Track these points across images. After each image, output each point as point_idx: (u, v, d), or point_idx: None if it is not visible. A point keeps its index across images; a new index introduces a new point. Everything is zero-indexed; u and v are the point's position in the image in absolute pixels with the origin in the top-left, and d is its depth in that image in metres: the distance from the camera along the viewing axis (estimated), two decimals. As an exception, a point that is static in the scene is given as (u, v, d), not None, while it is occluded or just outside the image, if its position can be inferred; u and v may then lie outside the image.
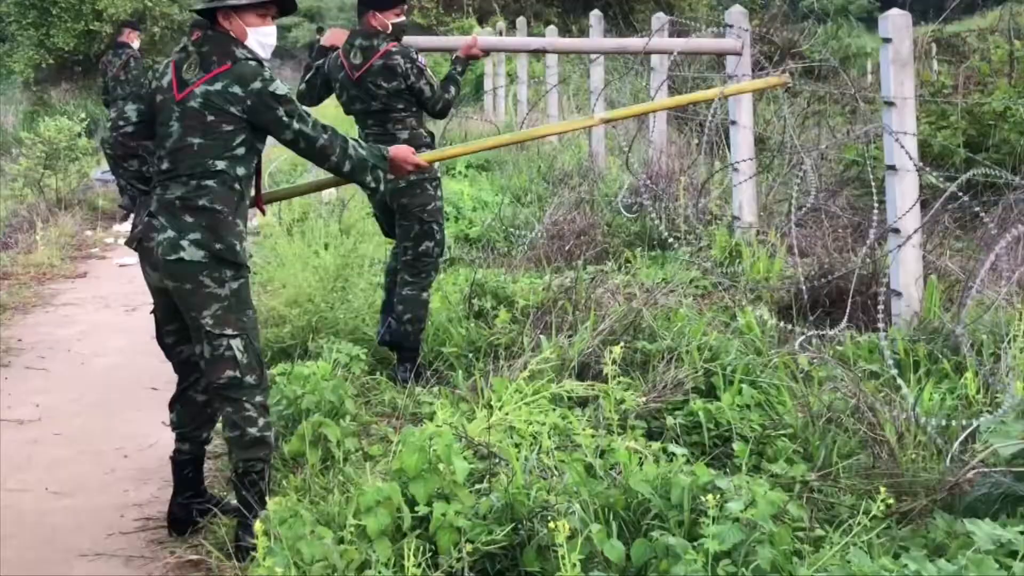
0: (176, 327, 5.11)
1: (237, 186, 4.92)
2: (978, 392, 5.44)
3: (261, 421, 4.97)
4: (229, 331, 4.87)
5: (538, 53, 8.72)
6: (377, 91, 7.01)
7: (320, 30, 34.81)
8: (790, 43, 20.86)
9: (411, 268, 7.16)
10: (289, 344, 7.48)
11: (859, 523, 4.36)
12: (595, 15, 14.23)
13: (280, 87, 4.95)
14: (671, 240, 8.23)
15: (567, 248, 9.44)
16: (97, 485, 5.85)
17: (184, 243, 4.79)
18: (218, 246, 4.82)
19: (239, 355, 4.90)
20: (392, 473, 4.89)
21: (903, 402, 5.43)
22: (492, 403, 5.60)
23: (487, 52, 7.86)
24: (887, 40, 7.06)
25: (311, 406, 5.90)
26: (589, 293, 7.60)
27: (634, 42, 8.88)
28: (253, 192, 5.16)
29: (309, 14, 46.01)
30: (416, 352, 7.13)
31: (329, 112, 11.29)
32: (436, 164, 7.12)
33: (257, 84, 4.89)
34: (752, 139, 9.43)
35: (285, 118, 4.96)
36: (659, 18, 12.15)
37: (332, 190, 11.69)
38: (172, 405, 5.28)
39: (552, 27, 17.42)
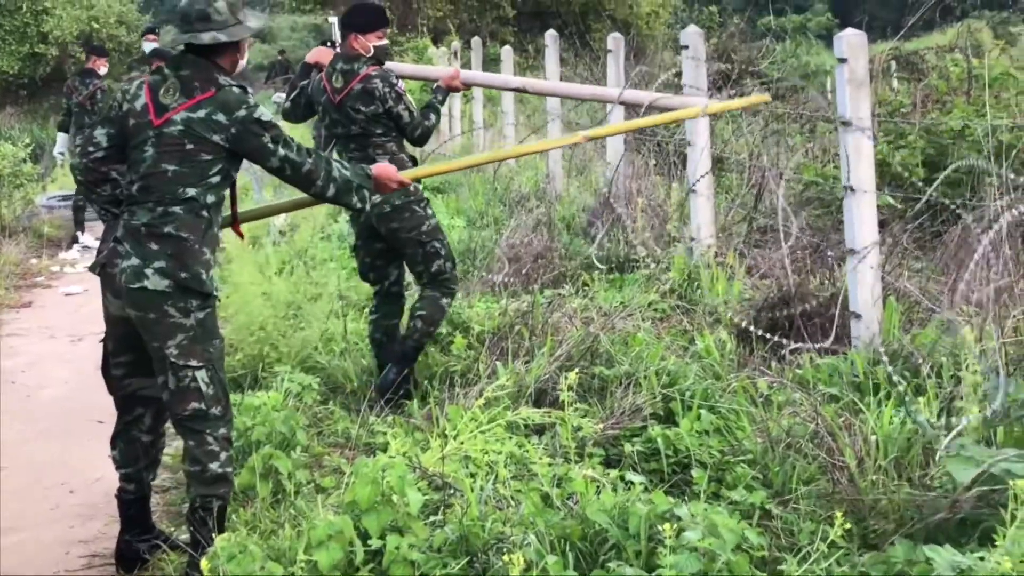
0: (129, 359, 4.99)
1: (205, 213, 4.82)
2: (938, 416, 5.38)
3: (223, 456, 4.88)
4: (194, 362, 4.78)
5: (517, 91, 8.65)
6: (356, 115, 6.93)
7: (282, 52, 34.74)
8: (748, 61, 20.95)
9: (430, 288, 7.12)
10: (240, 373, 7.37)
11: (818, 550, 4.30)
12: (551, 35, 14.19)
13: (265, 113, 4.86)
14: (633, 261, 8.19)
15: (524, 271, 9.36)
16: (42, 521, 5.73)
17: (148, 271, 4.69)
18: (183, 275, 4.72)
19: (204, 387, 4.81)
20: (344, 506, 4.80)
21: (862, 426, 5.37)
22: (447, 432, 5.52)
23: (468, 86, 7.81)
24: (843, 60, 7.02)
25: (261, 437, 5.81)
26: (546, 318, 7.52)
27: (609, 91, 8.81)
28: (228, 216, 5.10)
29: (260, 34, 45.96)
30: (414, 354, 7.04)
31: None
32: (420, 185, 7.08)
33: (242, 112, 4.80)
34: (709, 159, 9.37)
35: (271, 145, 4.88)
36: (615, 38, 12.09)
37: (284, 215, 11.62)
38: (114, 442, 5.15)
39: (508, 47, 17.37)
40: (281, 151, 4.90)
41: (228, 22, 4.87)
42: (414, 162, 7.05)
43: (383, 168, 5.51)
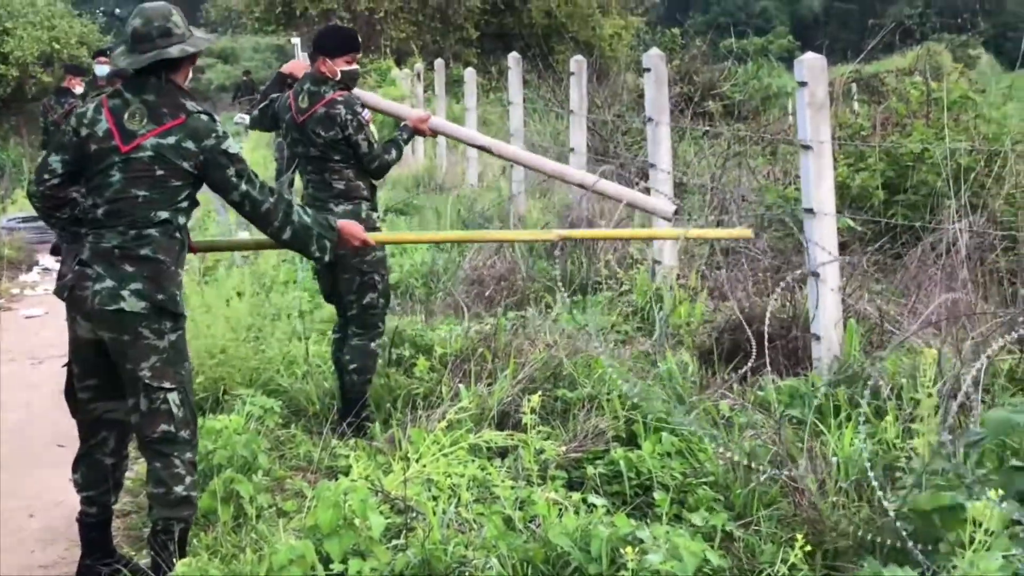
0: (95, 382, 4.96)
1: (178, 235, 4.86)
2: (898, 437, 5.41)
3: (188, 479, 4.87)
4: (167, 384, 4.79)
5: (482, 150, 8.61)
6: (316, 138, 6.86)
7: (247, 72, 34.70)
8: (710, 83, 21.08)
9: (357, 320, 6.98)
10: (201, 397, 7.31)
11: (779, 572, 4.32)
12: (513, 57, 14.24)
13: (232, 145, 4.88)
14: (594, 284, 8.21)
15: (487, 294, 9.36)
16: (3, 545, 5.67)
17: (124, 293, 4.69)
18: (160, 296, 4.75)
19: (175, 409, 4.83)
20: (306, 530, 4.80)
21: (823, 448, 5.39)
22: (409, 455, 5.51)
23: (435, 133, 7.78)
24: (803, 84, 7.07)
25: (223, 461, 5.77)
26: (509, 340, 7.52)
27: (576, 173, 8.72)
28: None
29: (223, 55, 45.85)
30: (359, 404, 6.88)
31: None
32: (376, 213, 7.04)
33: (211, 140, 4.81)
34: (672, 181, 9.42)
35: (234, 178, 4.90)
36: (578, 60, 12.15)
37: (244, 236, 11.58)
38: (76, 465, 5.11)
39: (471, 69, 17.42)
40: (243, 186, 4.91)
41: (187, 35, 4.89)
42: (373, 191, 7.03)
43: (349, 225, 5.48)
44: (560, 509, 4.88)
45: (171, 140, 4.74)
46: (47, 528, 5.91)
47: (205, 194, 5.04)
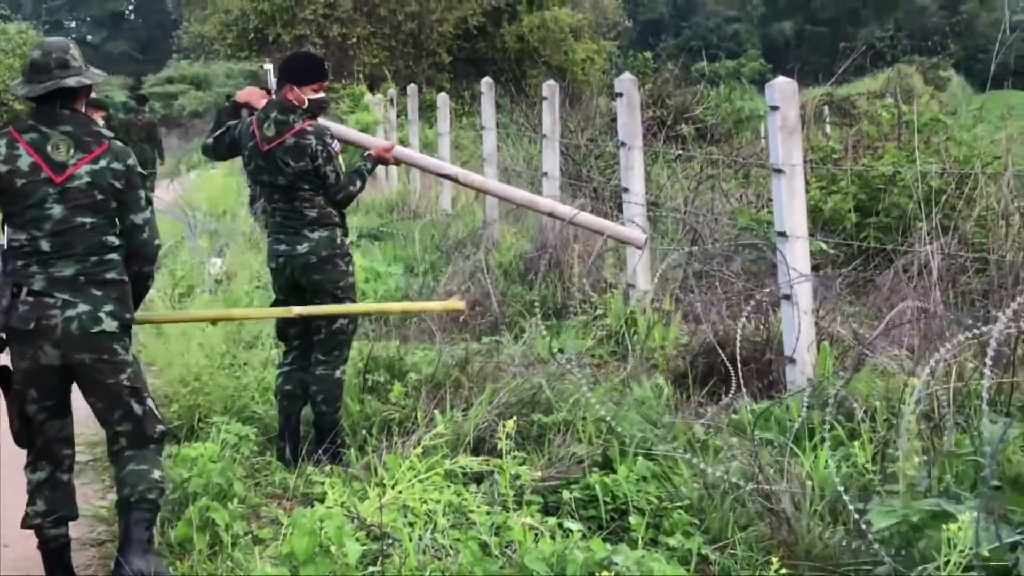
0: (51, 403, 5.10)
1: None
2: (872, 460, 5.43)
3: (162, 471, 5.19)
4: (143, 392, 5.14)
5: (449, 179, 8.66)
6: (285, 168, 6.76)
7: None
8: (683, 107, 21.15)
9: (324, 346, 6.91)
10: (175, 424, 7.30)
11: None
12: (486, 82, 14.27)
13: (140, 169, 5.20)
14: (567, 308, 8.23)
15: (461, 319, 9.36)
16: (-26, 576, 5.64)
17: (102, 315, 4.91)
18: (127, 316, 5.04)
19: (158, 412, 5.24)
20: (282, 557, 4.79)
21: (798, 471, 5.41)
22: (385, 481, 5.50)
23: (399, 162, 7.79)
24: (775, 108, 7.11)
25: (198, 489, 5.75)
26: (484, 365, 7.52)
27: (544, 202, 8.77)
28: None
29: (196, 81, 45.86)
30: (334, 433, 6.83)
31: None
32: (347, 239, 7.01)
33: (131, 161, 5.07)
34: (645, 205, 9.45)
35: (143, 202, 5.16)
36: (550, 85, 12.19)
37: (218, 262, 11.56)
38: (36, 495, 5.16)
39: (444, 94, 17.46)
40: (147, 212, 5.18)
41: (83, 69, 5.05)
42: (343, 216, 6.99)
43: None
44: (536, 534, 4.88)
45: (102, 164, 4.95)
46: (23, 557, 5.85)
47: (176, 221, 5.09)
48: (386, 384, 7.43)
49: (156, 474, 5.10)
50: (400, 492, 5.35)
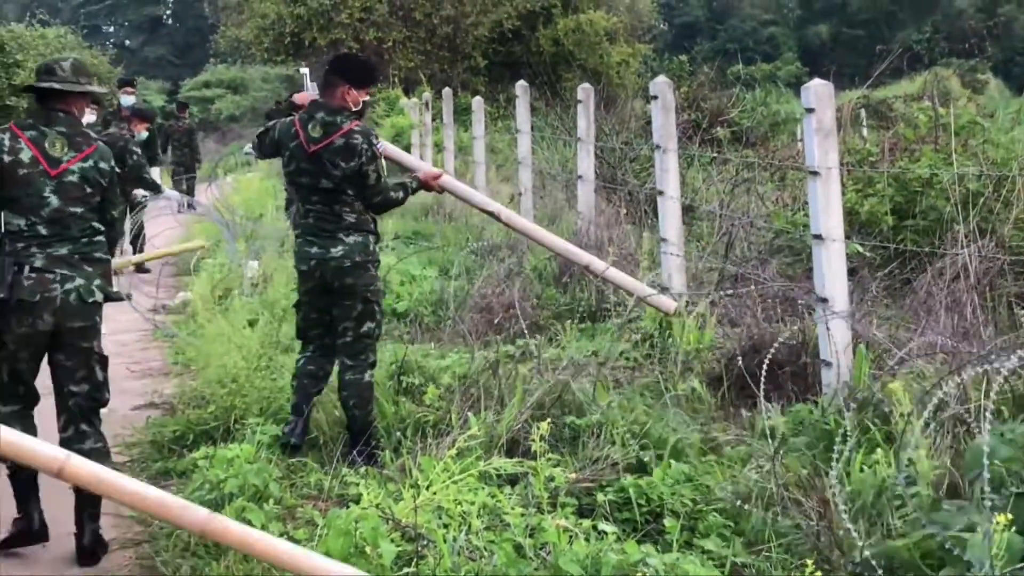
0: (37, 361, 5.82)
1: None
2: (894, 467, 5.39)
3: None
4: (105, 361, 5.95)
5: (491, 216, 8.77)
6: (332, 170, 6.77)
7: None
8: (718, 110, 21.10)
9: (350, 349, 6.96)
10: (212, 426, 7.34)
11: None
12: (521, 85, 14.28)
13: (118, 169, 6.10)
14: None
15: (496, 321, 9.37)
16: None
17: (94, 288, 5.73)
18: (110, 290, 5.93)
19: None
20: (317, 558, 4.79)
21: (833, 474, 5.39)
22: (419, 483, 5.51)
23: (443, 190, 7.82)
24: (810, 110, 7.09)
25: (234, 490, 5.78)
26: (518, 368, 7.53)
27: (582, 255, 8.88)
28: None
29: (232, 85, 46.07)
30: (368, 436, 6.87)
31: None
32: (379, 246, 7.09)
33: (113, 161, 5.97)
34: (680, 208, 9.44)
35: (119, 197, 6.19)
36: (585, 88, 12.19)
37: (255, 265, 11.61)
38: (10, 422, 5.36)
39: (479, 98, 17.48)
40: (121, 207, 6.24)
41: (68, 79, 5.85)
42: (376, 224, 7.05)
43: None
44: (570, 536, 4.88)
45: (91, 163, 5.78)
46: (59, 559, 5.88)
47: (215, 224, 5.14)
48: (420, 386, 7.44)
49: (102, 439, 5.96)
50: (434, 493, 5.36)
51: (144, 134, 14.42)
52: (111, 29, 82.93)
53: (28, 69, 29.13)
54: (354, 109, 6.91)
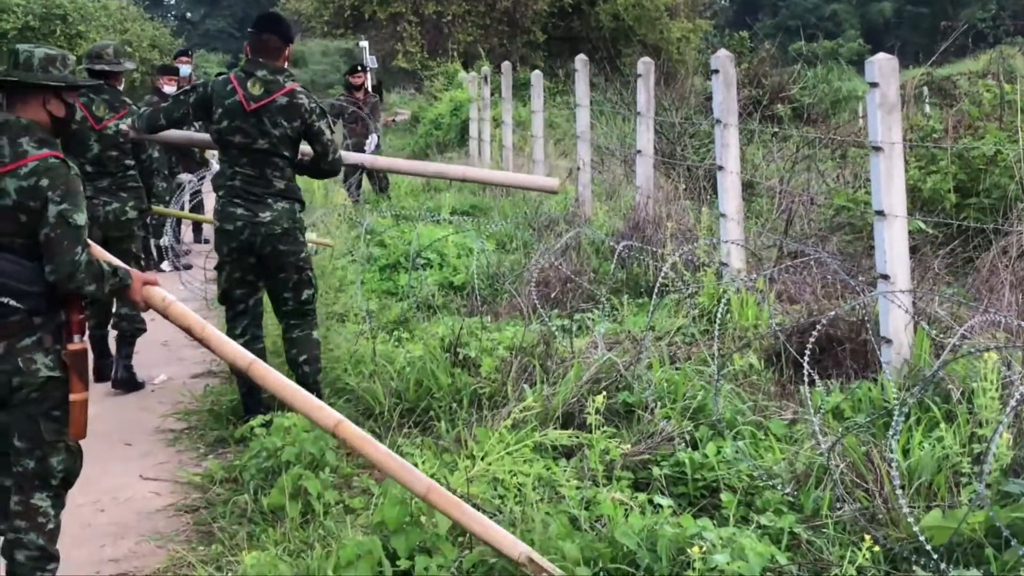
0: None
1: None
2: (967, 444, 5.34)
3: None
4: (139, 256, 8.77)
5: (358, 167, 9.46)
6: (272, 129, 6.79)
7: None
8: (779, 86, 20.96)
9: (295, 315, 7.13)
10: (269, 395, 7.37)
11: (847, 573, 4.29)
12: (580, 59, 14.21)
13: None
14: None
15: (553, 295, 9.36)
16: (73, 540, 5.73)
17: (127, 208, 8.53)
18: (143, 206, 8.71)
19: None
20: (373, 526, 4.84)
21: (893, 451, 5.34)
22: (475, 453, 5.51)
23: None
24: (874, 84, 7.00)
25: (291, 458, 5.81)
26: (574, 341, 7.51)
27: (451, 170, 9.33)
28: None
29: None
30: (317, 393, 6.81)
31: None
32: (301, 214, 7.13)
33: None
34: (739, 184, 9.36)
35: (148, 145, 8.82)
36: (645, 62, 12.12)
37: (313, 236, 11.66)
38: None
39: (538, 72, 17.42)
40: (149, 150, 8.90)
41: (112, 61, 8.55)
42: (300, 193, 7.14)
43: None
44: (626, 509, 4.87)
45: (125, 123, 7.58)
46: (116, 523, 5.97)
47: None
48: (476, 358, 7.44)
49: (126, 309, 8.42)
50: (489, 464, 5.37)
51: None
52: (172, 2, 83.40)
53: (90, 40, 29.44)
54: (289, 71, 7.00)
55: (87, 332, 6.34)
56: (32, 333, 4.48)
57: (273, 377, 4.68)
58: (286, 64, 6.98)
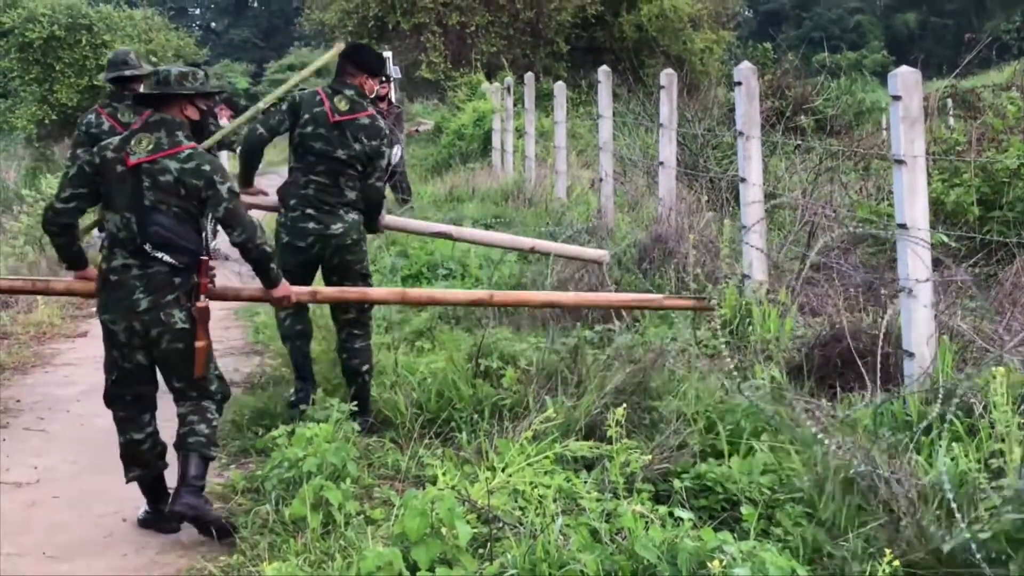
0: None
1: None
2: (990, 458, 5.31)
3: None
4: None
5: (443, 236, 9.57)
6: (352, 143, 7.16)
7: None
8: (802, 98, 20.92)
9: (356, 324, 7.37)
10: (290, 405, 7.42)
11: (868, 588, 4.28)
12: (603, 71, 14.21)
13: None
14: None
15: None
16: (95, 549, 5.76)
17: None
18: None
19: None
20: (394, 537, 4.84)
21: (913, 466, 5.33)
22: (495, 465, 5.52)
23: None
24: (897, 97, 6.99)
25: (313, 468, 5.81)
26: (595, 353, 7.51)
27: (524, 241, 9.50)
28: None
29: (317, 71, 46.23)
30: (368, 403, 7.34)
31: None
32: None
33: None
34: (762, 196, 9.35)
35: None
36: (668, 74, 12.11)
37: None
38: None
39: (561, 83, 17.43)
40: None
41: (137, 67, 9.04)
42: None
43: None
44: (646, 522, 4.87)
45: None
46: (139, 532, 5.98)
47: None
48: (498, 369, 7.45)
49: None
50: (510, 476, 5.37)
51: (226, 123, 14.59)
52: (197, 11, 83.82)
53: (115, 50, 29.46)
54: (370, 98, 7.37)
55: None
56: (173, 292, 5.63)
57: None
58: (369, 93, 7.37)
